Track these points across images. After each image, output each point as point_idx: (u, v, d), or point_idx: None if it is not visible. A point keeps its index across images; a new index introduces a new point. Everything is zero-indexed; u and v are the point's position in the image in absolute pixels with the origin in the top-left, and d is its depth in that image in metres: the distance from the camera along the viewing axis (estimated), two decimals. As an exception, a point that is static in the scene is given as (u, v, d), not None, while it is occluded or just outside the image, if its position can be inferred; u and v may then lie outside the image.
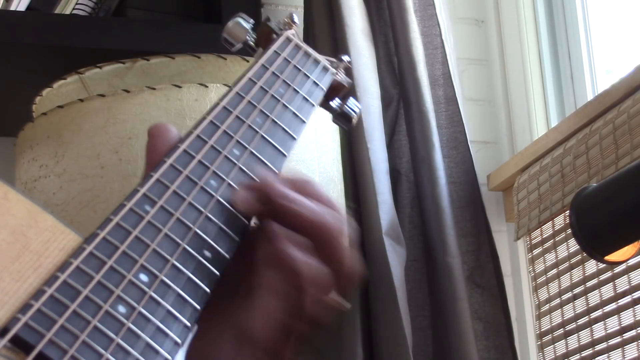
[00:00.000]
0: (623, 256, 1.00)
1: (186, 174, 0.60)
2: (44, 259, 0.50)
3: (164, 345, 0.51)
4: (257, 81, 0.71)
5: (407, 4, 1.85)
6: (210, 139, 0.63)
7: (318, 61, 0.79)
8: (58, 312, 0.48)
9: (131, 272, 0.52)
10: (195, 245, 0.56)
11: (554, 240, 1.75)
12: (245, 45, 0.83)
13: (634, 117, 1.53)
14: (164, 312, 0.52)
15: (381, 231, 1.67)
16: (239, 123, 0.66)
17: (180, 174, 0.60)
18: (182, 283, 0.54)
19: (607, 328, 1.61)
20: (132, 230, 0.54)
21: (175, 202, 0.58)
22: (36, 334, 0.47)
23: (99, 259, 0.52)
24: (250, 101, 0.69)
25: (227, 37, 0.83)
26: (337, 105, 0.85)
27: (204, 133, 0.64)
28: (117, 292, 0.51)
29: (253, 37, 0.83)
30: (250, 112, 0.68)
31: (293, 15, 0.82)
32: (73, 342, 0.48)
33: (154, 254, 0.54)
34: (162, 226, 0.56)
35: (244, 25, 0.83)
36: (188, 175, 0.60)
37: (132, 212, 0.55)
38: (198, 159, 0.62)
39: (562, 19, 1.99)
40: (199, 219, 0.58)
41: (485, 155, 1.99)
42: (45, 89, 1.48)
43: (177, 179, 0.59)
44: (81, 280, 0.50)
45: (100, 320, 0.49)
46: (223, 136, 0.64)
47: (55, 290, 0.49)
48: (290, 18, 0.82)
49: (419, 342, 1.73)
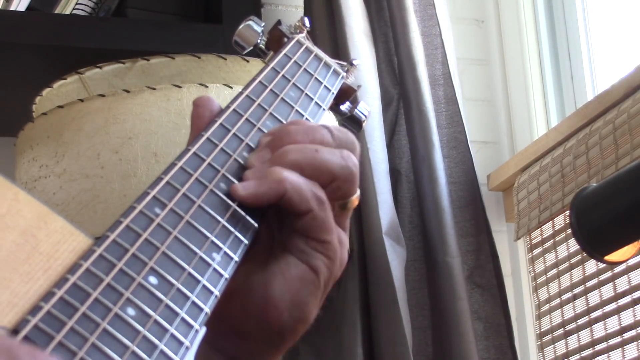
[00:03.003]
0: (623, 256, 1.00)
1: (196, 176, 0.60)
2: (53, 261, 0.50)
3: (173, 348, 0.51)
4: (268, 85, 0.71)
5: (407, 4, 1.85)
6: (221, 142, 0.63)
7: (329, 65, 0.79)
8: (68, 314, 0.48)
9: (141, 275, 0.52)
10: (205, 249, 0.56)
11: (554, 240, 1.75)
12: (256, 49, 0.83)
13: (634, 117, 1.53)
14: (173, 315, 0.52)
15: (381, 231, 1.67)
16: (250, 126, 0.66)
17: (191, 177, 0.60)
18: (192, 286, 0.54)
19: (607, 328, 1.61)
20: (142, 233, 0.54)
21: (186, 204, 0.58)
22: (46, 336, 0.47)
23: (109, 262, 0.52)
24: (260, 104, 0.69)
25: (239, 40, 0.83)
26: (347, 109, 0.85)
27: (214, 136, 0.64)
28: (126, 295, 0.51)
29: (264, 40, 0.84)
30: (261, 115, 0.68)
31: (304, 19, 0.82)
32: (82, 344, 0.47)
33: (164, 256, 0.54)
34: (172, 229, 0.56)
35: (255, 28, 0.83)
36: (198, 178, 0.60)
37: (142, 215, 0.55)
38: (208, 161, 0.62)
39: (562, 19, 1.99)
40: (209, 223, 0.58)
41: (485, 155, 1.99)
42: (45, 89, 1.48)
43: (187, 182, 0.59)
44: (91, 282, 0.50)
45: (109, 323, 0.49)
46: (233, 139, 0.64)
47: (65, 292, 0.49)
48: (302, 22, 0.82)
49: (419, 342, 1.73)
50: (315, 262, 0.61)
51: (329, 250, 0.61)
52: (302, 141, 0.62)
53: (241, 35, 0.83)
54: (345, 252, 0.63)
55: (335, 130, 0.64)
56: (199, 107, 0.66)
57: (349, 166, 0.62)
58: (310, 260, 0.61)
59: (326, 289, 0.62)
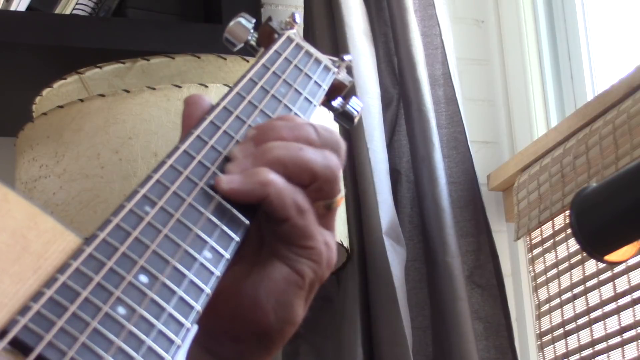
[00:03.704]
0: (623, 256, 1.00)
1: (186, 174, 0.60)
2: (43, 261, 0.50)
3: (164, 346, 0.51)
4: (258, 81, 0.71)
5: (407, 4, 1.85)
6: (211, 140, 0.63)
7: (320, 61, 0.79)
8: (57, 313, 0.48)
9: (131, 273, 0.52)
10: (196, 246, 0.56)
11: (554, 240, 1.75)
12: (246, 45, 0.83)
13: (634, 117, 1.53)
14: (164, 314, 0.52)
15: (381, 231, 1.67)
16: (240, 123, 0.66)
17: (181, 175, 0.60)
18: (182, 284, 0.54)
19: (607, 328, 1.61)
20: (131, 231, 0.54)
21: (176, 202, 0.58)
22: (35, 336, 0.47)
23: (99, 261, 0.52)
24: (251, 101, 0.68)
25: (229, 37, 0.83)
26: (339, 105, 0.84)
27: (205, 133, 0.63)
28: (116, 294, 0.51)
29: (255, 37, 0.83)
30: (251, 112, 0.68)
31: (295, 15, 0.82)
32: (72, 343, 0.47)
33: (154, 255, 0.54)
34: (162, 227, 0.56)
35: (246, 25, 0.83)
36: (188, 176, 0.60)
37: (131, 213, 0.55)
38: (198, 159, 0.61)
39: (562, 19, 1.99)
40: (199, 220, 0.58)
41: (485, 155, 1.99)
42: (45, 89, 1.48)
43: (177, 180, 0.59)
44: (81, 281, 0.50)
45: (99, 322, 0.49)
46: (223, 137, 0.64)
47: (54, 292, 0.49)
48: (292, 17, 0.82)
49: (419, 342, 1.73)
50: (299, 267, 0.61)
51: (313, 255, 0.61)
52: (287, 137, 0.62)
53: (231, 32, 0.82)
54: (333, 253, 0.63)
55: (320, 128, 0.64)
56: (189, 105, 0.66)
57: (330, 166, 0.62)
58: (294, 265, 0.61)
59: (312, 290, 0.62)
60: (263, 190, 0.59)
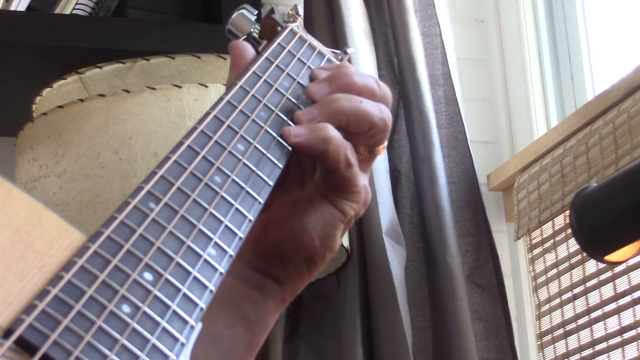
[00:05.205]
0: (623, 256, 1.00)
1: (190, 170, 0.60)
2: (48, 258, 0.49)
3: (169, 345, 0.50)
4: (262, 75, 0.70)
5: (407, 4, 1.85)
6: (215, 135, 0.63)
7: (323, 54, 0.78)
8: (62, 312, 0.48)
9: (136, 271, 0.52)
10: (200, 243, 0.56)
11: (554, 240, 1.75)
12: (249, 37, 0.83)
13: (634, 117, 1.53)
14: (168, 312, 0.52)
15: (381, 231, 1.67)
16: (244, 118, 0.66)
17: (185, 170, 0.59)
18: (187, 282, 0.54)
19: (607, 328, 1.61)
20: (136, 228, 0.54)
21: (180, 198, 0.58)
22: (40, 335, 0.46)
23: (103, 258, 0.51)
24: (254, 95, 0.68)
25: (232, 28, 0.82)
26: None
27: (208, 128, 0.63)
28: (121, 292, 0.50)
29: (257, 29, 0.83)
30: (255, 106, 0.67)
31: (297, 7, 0.81)
32: (77, 342, 0.47)
33: (159, 252, 0.54)
34: (167, 224, 0.56)
35: (249, 17, 0.82)
36: (192, 172, 0.60)
37: (136, 210, 0.55)
38: (202, 154, 0.61)
39: (562, 19, 1.99)
40: (203, 217, 0.58)
41: (485, 155, 1.99)
42: (45, 89, 1.48)
43: (181, 176, 0.59)
44: (85, 279, 0.50)
45: (104, 321, 0.48)
46: (227, 131, 0.64)
47: (59, 290, 0.48)
48: (295, 10, 0.81)
49: (419, 342, 1.73)
50: (343, 207, 0.70)
51: (355, 198, 0.70)
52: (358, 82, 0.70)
53: (235, 23, 0.82)
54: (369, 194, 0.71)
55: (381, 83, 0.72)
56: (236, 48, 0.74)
57: (384, 119, 0.70)
58: (339, 205, 0.70)
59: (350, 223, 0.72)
60: (324, 146, 0.66)
